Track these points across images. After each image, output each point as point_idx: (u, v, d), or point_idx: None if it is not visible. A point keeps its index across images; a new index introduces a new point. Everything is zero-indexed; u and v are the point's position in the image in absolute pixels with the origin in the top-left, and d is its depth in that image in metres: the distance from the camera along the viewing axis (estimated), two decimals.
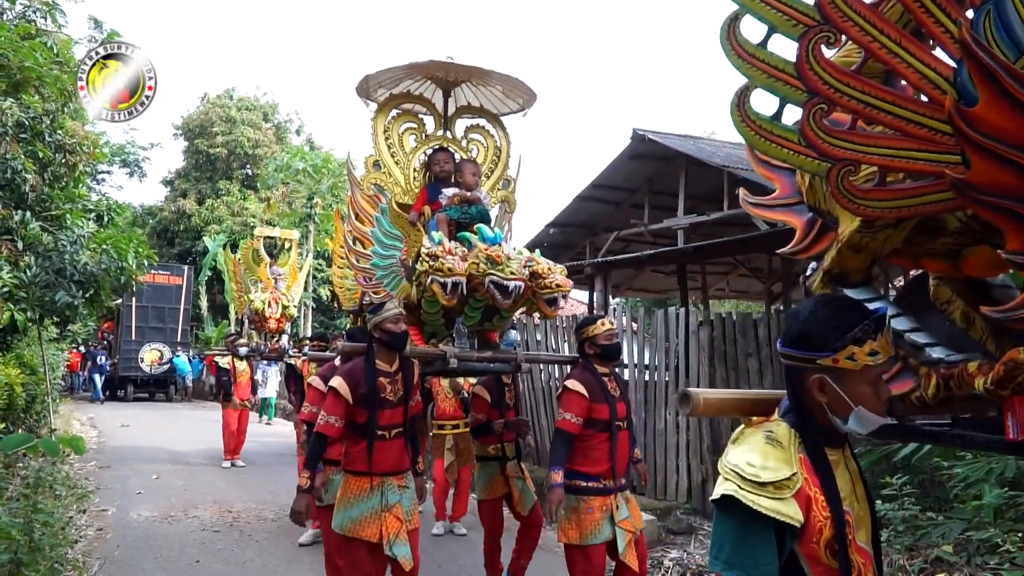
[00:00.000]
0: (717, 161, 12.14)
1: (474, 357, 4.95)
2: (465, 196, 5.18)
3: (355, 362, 4.62)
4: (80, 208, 8.88)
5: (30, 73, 6.90)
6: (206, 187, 32.43)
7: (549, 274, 4.69)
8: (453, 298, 4.53)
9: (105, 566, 6.49)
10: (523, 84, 5.47)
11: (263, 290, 12.24)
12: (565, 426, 4.60)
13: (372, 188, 5.47)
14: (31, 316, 7.82)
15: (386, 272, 5.33)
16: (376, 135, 5.39)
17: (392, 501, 4.48)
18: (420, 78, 5.50)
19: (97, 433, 16.10)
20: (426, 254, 4.57)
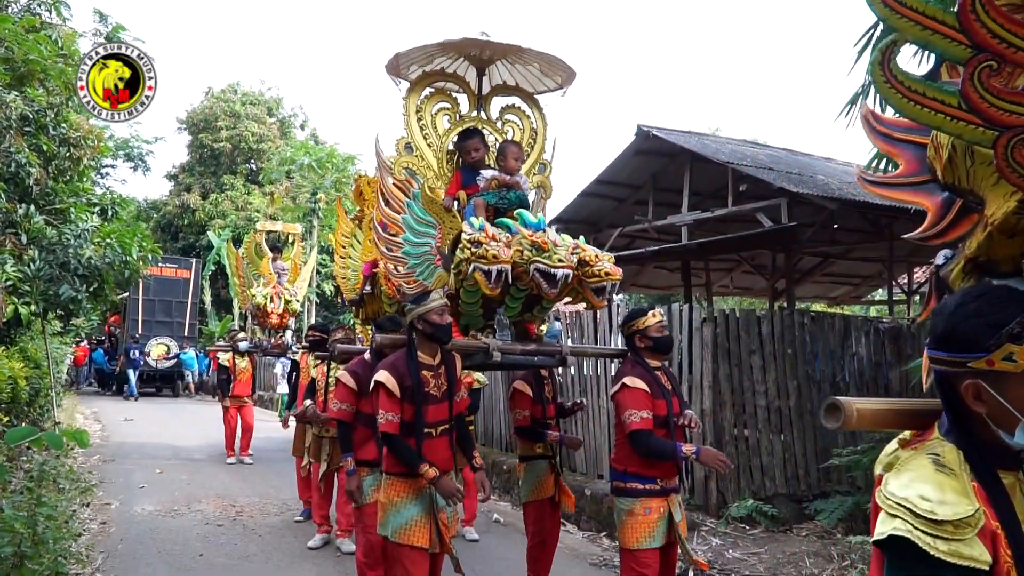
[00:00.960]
0: (722, 158, 12.11)
1: (517, 350, 4.71)
2: (504, 180, 4.95)
3: (396, 355, 4.36)
4: (84, 202, 8.88)
5: (35, 66, 6.88)
6: (210, 181, 32.48)
7: (597, 261, 4.47)
8: (497, 287, 4.30)
9: (108, 560, 6.50)
10: (561, 62, 5.19)
11: (265, 285, 12.11)
12: (643, 424, 4.32)
13: (403, 172, 5.13)
14: (35, 310, 7.83)
15: (419, 260, 5.02)
16: (408, 115, 5.11)
17: (441, 503, 4.25)
18: (453, 56, 5.22)
19: (101, 427, 16.14)
20: (468, 240, 4.33)
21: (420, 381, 4.22)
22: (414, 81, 5.16)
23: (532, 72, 5.33)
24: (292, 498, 8.84)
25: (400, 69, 5.18)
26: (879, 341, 8.70)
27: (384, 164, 5.10)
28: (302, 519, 8.03)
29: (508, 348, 4.64)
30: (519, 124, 5.42)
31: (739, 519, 7.21)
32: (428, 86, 5.20)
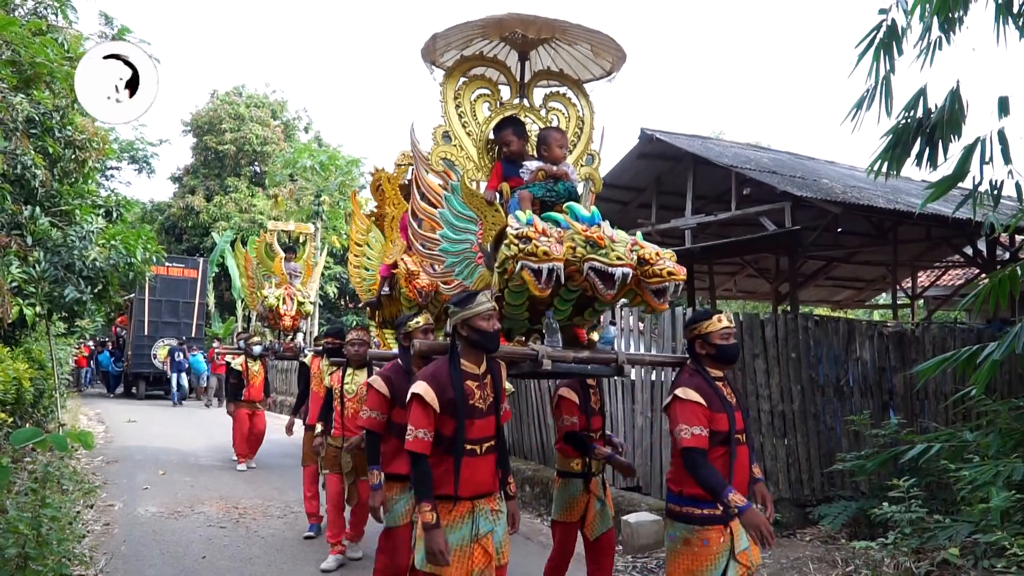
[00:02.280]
0: (725, 161, 12.12)
1: (569, 357, 4.24)
2: (551, 171, 4.57)
3: (436, 364, 3.93)
4: (89, 204, 8.91)
5: (41, 69, 6.91)
6: (214, 184, 32.54)
7: (657, 259, 4.02)
8: (547, 287, 3.88)
9: (112, 561, 6.51)
10: (612, 41, 4.77)
11: (277, 286, 11.77)
12: (695, 442, 3.79)
13: (441, 163, 4.72)
14: (40, 311, 7.85)
15: (458, 258, 4.61)
16: (446, 102, 4.75)
17: (483, 530, 3.81)
18: (493, 39, 4.86)
19: (104, 429, 16.15)
20: (515, 236, 3.93)
21: (464, 393, 3.80)
22: (452, 66, 4.83)
23: (577, 57, 5.02)
24: (295, 500, 8.84)
25: (436, 53, 4.85)
26: (883, 345, 8.68)
27: (420, 155, 4.73)
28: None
29: (559, 355, 4.20)
30: (564, 112, 5.08)
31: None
32: (467, 71, 4.87)
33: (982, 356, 5.98)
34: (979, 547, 5.57)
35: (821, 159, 17.11)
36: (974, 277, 16.52)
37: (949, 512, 6.30)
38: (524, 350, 4.19)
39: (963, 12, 6.36)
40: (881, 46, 6.66)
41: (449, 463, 3.76)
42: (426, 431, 3.73)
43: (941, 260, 17.35)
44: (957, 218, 10.40)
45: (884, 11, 6.65)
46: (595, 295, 4.03)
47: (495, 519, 3.88)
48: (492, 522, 3.86)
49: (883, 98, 6.73)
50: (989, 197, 6.51)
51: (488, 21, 4.61)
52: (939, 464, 6.31)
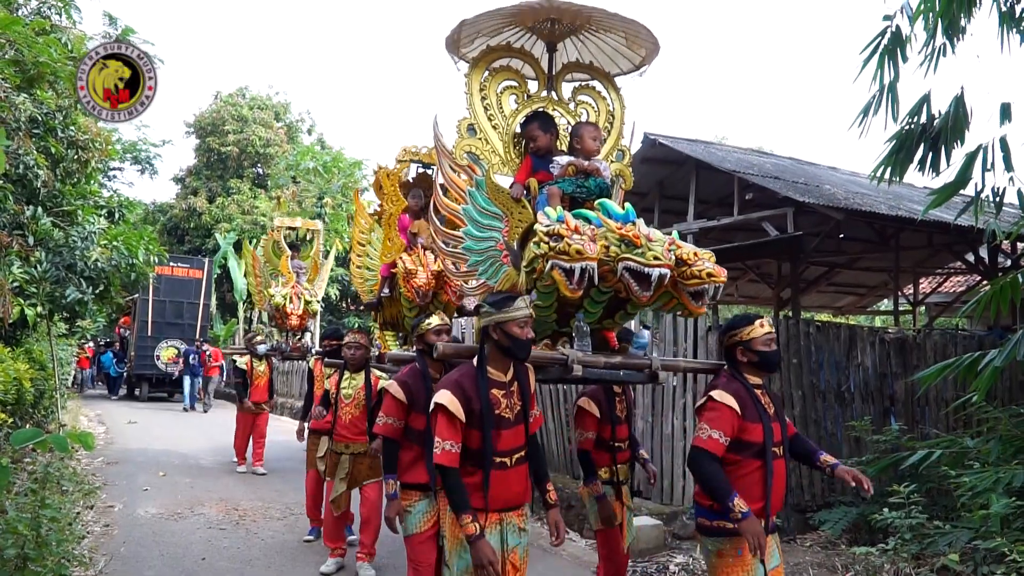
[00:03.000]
0: (728, 166, 12.12)
1: (601, 363, 4.04)
2: (582, 166, 4.37)
3: (461, 370, 3.73)
4: (91, 204, 8.92)
5: (44, 69, 6.92)
6: (217, 185, 32.55)
7: (696, 260, 3.77)
8: (579, 288, 3.67)
9: (111, 562, 6.51)
10: (646, 30, 4.57)
11: (284, 284, 11.44)
12: (708, 445, 3.67)
13: (466, 157, 4.52)
14: (41, 311, 7.86)
15: (482, 257, 4.38)
16: (471, 94, 4.57)
17: (511, 543, 3.67)
18: (523, 28, 4.70)
19: (105, 430, 16.15)
20: (545, 233, 3.73)
21: (490, 402, 3.61)
22: (478, 56, 4.65)
23: (605, 50, 4.85)
24: (295, 502, 8.83)
25: (461, 43, 4.68)
26: (884, 351, 8.67)
27: (443, 148, 4.52)
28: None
29: (590, 361, 4.00)
30: (594, 106, 4.91)
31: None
32: (493, 62, 4.68)
33: (983, 363, 5.98)
34: (979, 553, 5.56)
35: (823, 165, 17.10)
36: (976, 284, 16.50)
37: (949, 518, 6.29)
38: (553, 354, 3.98)
39: (967, 20, 6.37)
40: (886, 53, 6.67)
41: (478, 476, 3.58)
42: (453, 443, 3.56)
43: (943, 267, 17.33)
44: (959, 225, 10.39)
45: (889, 18, 6.66)
46: (629, 297, 3.85)
47: (521, 534, 3.73)
48: (518, 537, 3.71)
49: (889, 104, 6.74)
50: (991, 204, 6.51)
51: (521, 7, 4.44)
52: (940, 470, 6.31)
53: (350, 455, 6.48)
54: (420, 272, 6.20)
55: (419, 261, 6.28)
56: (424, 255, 6.32)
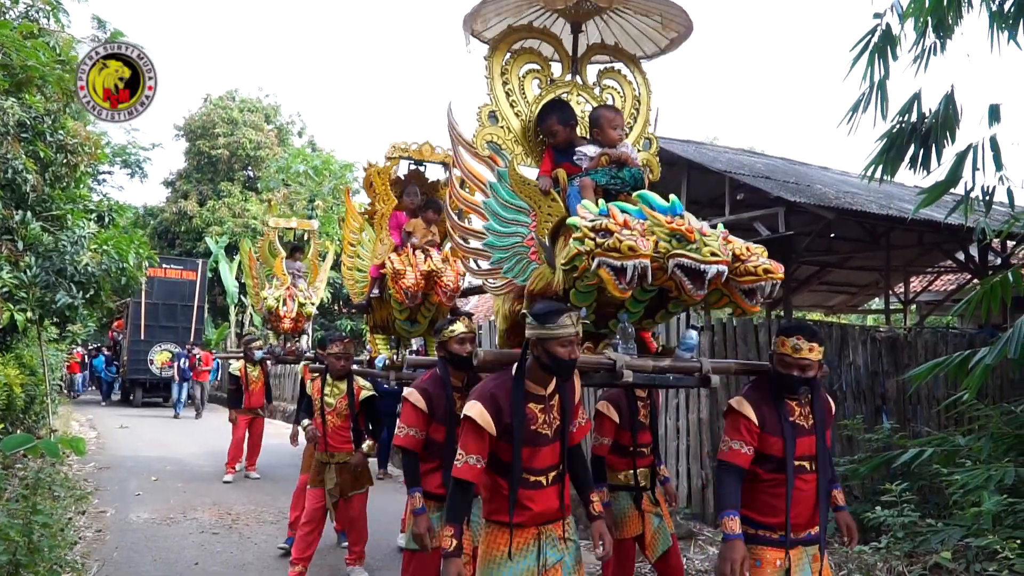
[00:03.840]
0: (719, 166, 12.14)
1: (649, 367, 3.77)
2: (615, 155, 4.08)
3: (497, 379, 3.48)
4: (81, 208, 8.88)
5: (33, 73, 6.90)
6: (207, 188, 32.47)
7: (750, 256, 3.51)
8: (630, 288, 3.37)
9: (104, 568, 6.48)
10: (681, 11, 4.28)
11: (278, 287, 11.14)
12: (730, 457, 3.59)
13: (487, 147, 4.23)
14: (31, 316, 7.82)
15: (507, 253, 4.09)
16: (492, 78, 4.28)
17: (552, 559, 3.44)
18: (544, 8, 4.38)
19: (96, 435, 16.09)
20: (590, 228, 3.42)
21: (524, 417, 3.38)
22: (499, 37, 4.35)
23: (632, 30, 4.55)
24: (287, 506, 8.80)
25: (478, 23, 4.37)
26: (876, 350, 8.70)
27: (460, 138, 4.23)
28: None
29: (639, 365, 3.71)
30: (620, 91, 4.61)
31: None
32: (514, 44, 4.39)
33: (974, 361, 6.00)
34: (971, 551, 5.58)
35: (814, 165, 17.16)
36: (966, 283, 16.57)
37: (941, 516, 6.31)
38: (600, 359, 3.68)
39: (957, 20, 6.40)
40: (876, 50, 6.69)
41: (512, 488, 3.38)
42: (479, 458, 3.35)
43: (933, 265, 17.39)
44: (949, 224, 10.42)
45: (879, 16, 6.68)
46: (680, 295, 3.55)
47: (564, 547, 3.49)
48: (560, 551, 3.47)
49: (878, 102, 6.77)
50: (981, 203, 6.54)
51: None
52: (931, 468, 6.33)
53: (336, 464, 6.22)
54: (409, 272, 6.04)
55: (408, 261, 6.12)
56: (413, 255, 6.17)
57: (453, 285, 6.14)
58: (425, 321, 6.54)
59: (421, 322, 6.57)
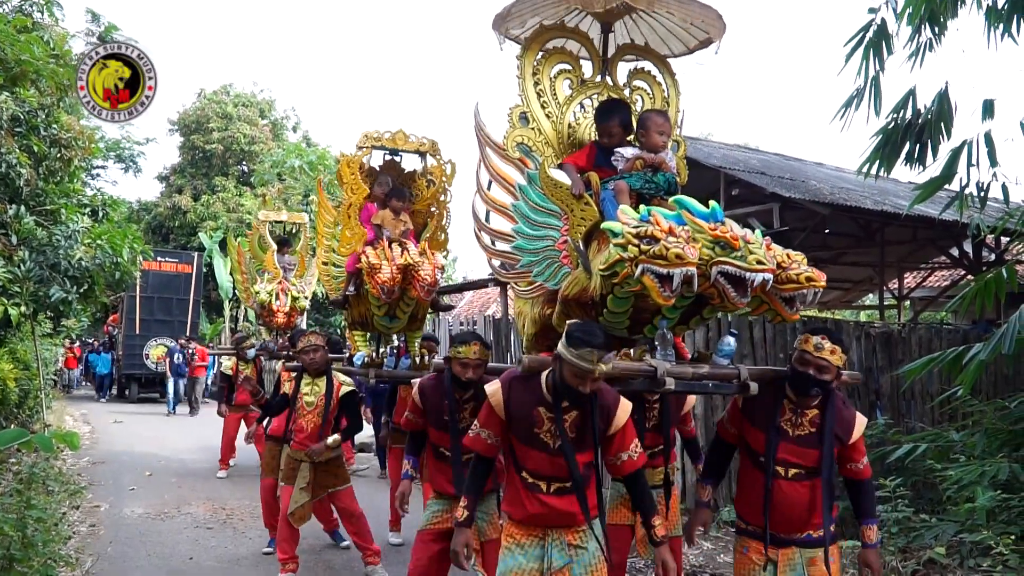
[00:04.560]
0: (714, 162, 12.14)
1: (689, 374, 3.71)
2: (651, 159, 4.02)
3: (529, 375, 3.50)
4: (75, 203, 8.86)
5: (27, 67, 6.87)
6: (202, 183, 32.40)
7: (791, 263, 3.49)
8: (674, 296, 3.31)
9: (98, 562, 6.47)
10: (712, 11, 4.25)
11: (270, 280, 10.96)
12: (718, 429, 3.83)
13: (517, 149, 4.18)
14: (25, 311, 7.80)
15: (536, 257, 4.03)
16: (524, 78, 4.23)
17: (557, 563, 3.40)
18: (575, 8, 4.33)
19: (90, 429, 16.05)
20: (633, 235, 3.34)
21: (530, 418, 3.40)
22: (531, 36, 4.29)
23: (661, 31, 4.53)
24: None
25: (509, 22, 4.32)
26: (870, 346, 8.72)
27: (487, 139, 4.19)
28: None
29: (679, 372, 3.65)
30: (649, 92, 4.57)
31: (731, 523, 7.21)
32: (545, 43, 4.34)
33: (968, 357, 6.02)
34: (965, 546, 5.60)
35: (809, 160, 17.17)
36: (960, 279, 16.61)
37: (935, 511, 6.33)
38: (640, 366, 3.63)
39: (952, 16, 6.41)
40: (870, 45, 6.69)
41: (517, 483, 3.47)
42: (490, 433, 3.48)
43: (928, 261, 17.44)
44: (944, 220, 10.46)
45: (874, 11, 6.68)
46: (722, 302, 3.48)
47: (574, 553, 3.43)
48: (568, 555, 3.42)
49: (872, 98, 6.77)
50: (975, 199, 6.55)
51: None
52: (925, 464, 6.34)
53: (311, 463, 6.01)
54: (384, 267, 5.79)
55: (383, 255, 5.88)
56: (389, 248, 5.94)
57: (431, 279, 5.86)
58: (404, 316, 6.27)
59: (400, 317, 6.28)
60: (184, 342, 21.37)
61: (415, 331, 6.72)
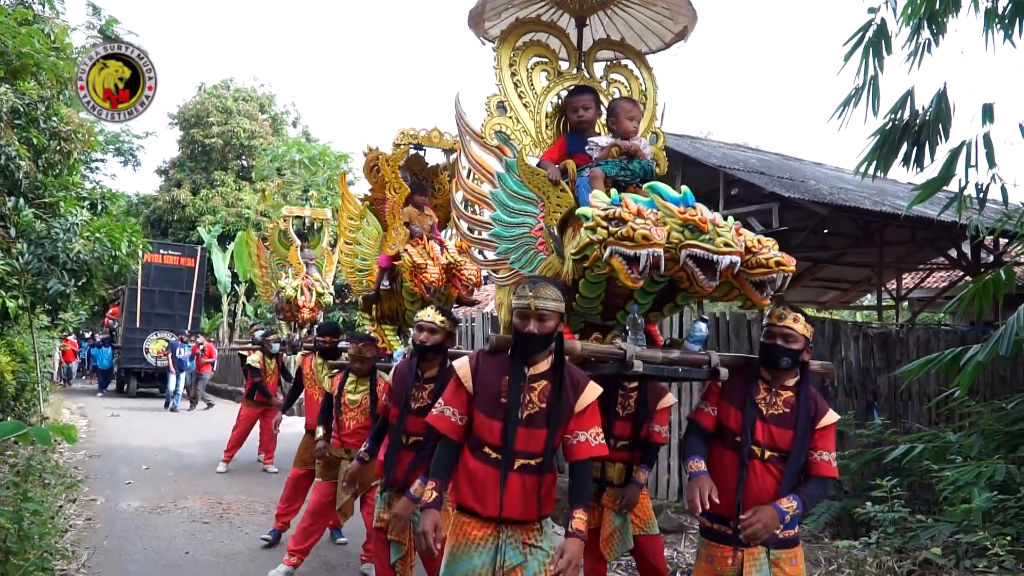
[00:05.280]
0: (714, 162, 12.16)
1: (659, 358, 3.69)
2: (626, 147, 4.08)
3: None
4: (74, 196, 8.83)
5: (27, 59, 6.86)
6: (201, 177, 32.40)
7: (760, 248, 3.52)
8: (642, 277, 3.37)
9: (94, 556, 6.46)
10: (686, 2, 4.33)
11: (295, 276, 11.01)
12: (696, 415, 3.71)
13: (495, 137, 4.24)
14: (22, 304, 7.79)
15: (513, 244, 4.10)
16: (501, 69, 4.31)
17: (512, 562, 3.24)
18: (548, 3, 4.47)
19: (87, 423, 16.05)
20: (603, 217, 3.42)
21: (500, 390, 3.29)
22: (507, 29, 4.39)
23: (636, 26, 4.61)
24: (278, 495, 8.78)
25: (484, 17, 4.46)
26: (868, 346, 8.71)
27: (467, 127, 4.23)
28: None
29: (648, 356, 3.64)
30: (626, 84, 4.66)
31: None
32: (523, 35, 4.43)
33: (965, 358, 6.02)
34: (961, 547, 5.60)
35: (808, 160, 17.19)
36: (959, 280, 16.62)
37: (931, 512, 6.33)
38: (611, 348, 3.64)
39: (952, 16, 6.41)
40: (870, 45, 6.68)
41: (475, 465, 3.30)
42: (454, 411, 3.32)
43: (926, 262, 17.46)
44: (942, 221, 10.46)
45: (873, 10, 6.67)
46: (691, 286, 3.55)
47: (528, 552, 3.27)
48: (523, 554, 3.26)
49: (870, 98, 6.77)
50: (974, 200, 6.55)
51: None
52: (922, 464, 6.35)
53: (351, 461, 5.85)
54: (431, 267, 5.85)
55: (427, 254, 5.94)
56: (432, 247, 5.98)
57: (475, 279, 5.96)
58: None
59: None
60: (185, 336, 20.97)
61: (387, 331, 6.78)
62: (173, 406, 19.71)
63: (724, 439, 3.61)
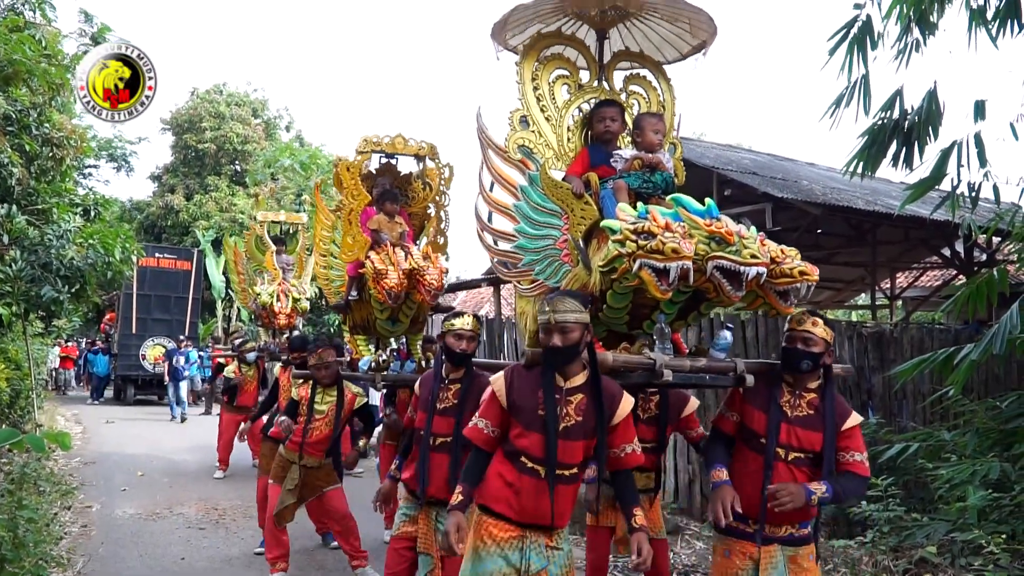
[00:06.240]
0: (707, 162, 12.16)
1: (687, 367, 3.76)
2: (648, 159, 4.15)
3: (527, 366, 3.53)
4: (67, 202, 8.83)
5: (19, 66, 6.86)
6: (194, 182, 32.31)
7: (785, 258, 3.60)
8: (671, 289, 3.42)
9: (89, 563, 6.46)
10: (704, 15, 4.35)
11: (271, 281, 10.84)
12: (717, 422, 3.84)
13: (518, 151, 4.30)
14: (16, 311, 7.79)
15: (538, 256, 4.16)
16: (523, 83, 4.36)
17: (536, 566, 3.34)
18: (570, 16, 4.51)
19: (82, 430, 16.01)
20: (632, 230, 3.47)
21: (536, 403, 3.38)
22: (530, 43, 4.43)
23: (655, 37, 4.65)
24: None
25: (506, 32, 4.48)
26: (862, 346, 8.73)
27: (489, 141, 4.31)
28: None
29: (677, 365, 3.71)
30: (645, 96, 4.72)
31: None
32: (544, 49, 4.47)
33: (959, 357, 6.03)
34: (956, 545, 5.61)
35: (801, 160, 17.22)
36: (952, 279, 16.66)
37: (927, 511, 6.35)
38: (640, 359, 3.69)
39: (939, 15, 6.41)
40: (855, 42, 6.68)
41: (509, 471, 3.40)
42: (487, 423, 3.45)
43: (919, 261, 17.49)
44: (935, 220, 10.49)
45: (859, 6, 6.67)
46: (718, 296, 3.62)
47: (550, 555, 3.39)
48: (546, 558, 3.37)
49: (861, 97, 6.77)
50: (966, 199, 6.56)
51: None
52: (917, 463, 6.36)
53: (302, 467, 5.97)
54: (391, 272, 5.77)
55: (388, 260, 5.85)
56: (394, 253, 5.91)
57: (437, 283, 5.86)
58: (407, 320, 6.28)
59: (403, 321, 6.28)
60: (186, 343, 20.56)
61: (416, 334, 6.73)
62: (183, 416, 18.63)
63: (748, 441, 3.69)
